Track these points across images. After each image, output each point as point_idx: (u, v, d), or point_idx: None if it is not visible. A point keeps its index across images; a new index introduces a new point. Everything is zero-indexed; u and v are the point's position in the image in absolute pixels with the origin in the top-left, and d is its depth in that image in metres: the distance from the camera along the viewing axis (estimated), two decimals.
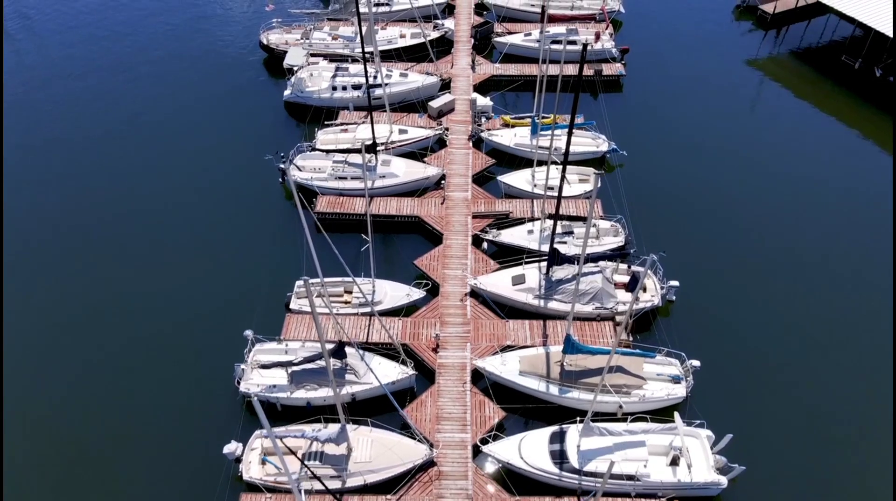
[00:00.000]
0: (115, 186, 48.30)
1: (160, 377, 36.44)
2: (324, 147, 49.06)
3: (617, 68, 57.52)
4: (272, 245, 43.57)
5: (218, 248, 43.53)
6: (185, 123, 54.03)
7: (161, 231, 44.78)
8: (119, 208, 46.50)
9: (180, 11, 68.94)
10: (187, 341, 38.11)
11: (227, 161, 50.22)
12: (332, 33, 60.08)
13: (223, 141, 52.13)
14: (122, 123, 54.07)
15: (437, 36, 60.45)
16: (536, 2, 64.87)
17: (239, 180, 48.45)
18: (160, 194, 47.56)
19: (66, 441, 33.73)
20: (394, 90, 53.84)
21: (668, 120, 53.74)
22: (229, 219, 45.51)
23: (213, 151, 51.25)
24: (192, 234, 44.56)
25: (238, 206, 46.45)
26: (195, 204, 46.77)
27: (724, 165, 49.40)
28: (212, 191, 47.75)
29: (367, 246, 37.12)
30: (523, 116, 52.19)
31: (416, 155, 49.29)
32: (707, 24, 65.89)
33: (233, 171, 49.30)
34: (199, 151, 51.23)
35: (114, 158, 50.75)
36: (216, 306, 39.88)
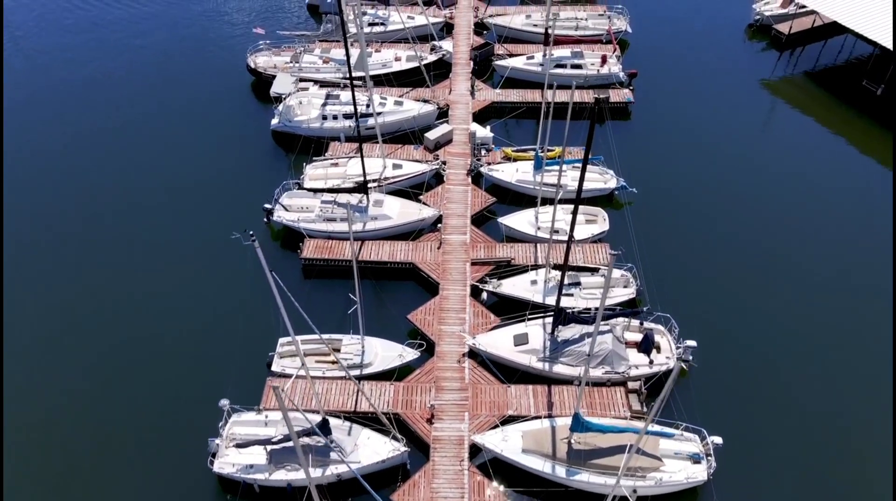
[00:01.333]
0: (86, 223, 45.05)
1: (125, 453, 33.17)
2: (312, 183, 45.84)
3: (625, 94, 54.26)
4: (254, 297, 40.29)
5: (193, 299, 40.27)
6: (166, 155, 50.76)
7: (131, 278, 41.51)
8: (89, 251, 43.25)
9: (164, 32, 65.66)
10: (156, 407, 34.85)
11: (209, 200, 46.93)
12: (323, 56, 56.85)
13: (205, 175, 48.84)
14: (98, 156, 50.81)
15: (435, 59, 57.15)
16: (539, 21, 61.62)
17: (220, 221, 45.19)
18: (135, 236, 44.30)
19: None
20: (388, 120, 50.59)
21: (680, 151, 50.49)
22: (207, 266, 42.24)
23: (195, 188, 47.97)
24: (166, 281, 41.31)
25: (217, 250, 43.18)
26: (172, 246, 43.53)
27: (741, 203, 46.14)
28: (190, 232, 44.49)
29: (356, 307, 33.82)
30: (526, 149, 48.92)
31: (411, 193, 46.01)
32: (719, 44, 62.64)
33: (214, 211, 46.03)
34: (179, 188, 47.94)
35: (85, 196, 47.48)
36: (189, 368, 36.59)
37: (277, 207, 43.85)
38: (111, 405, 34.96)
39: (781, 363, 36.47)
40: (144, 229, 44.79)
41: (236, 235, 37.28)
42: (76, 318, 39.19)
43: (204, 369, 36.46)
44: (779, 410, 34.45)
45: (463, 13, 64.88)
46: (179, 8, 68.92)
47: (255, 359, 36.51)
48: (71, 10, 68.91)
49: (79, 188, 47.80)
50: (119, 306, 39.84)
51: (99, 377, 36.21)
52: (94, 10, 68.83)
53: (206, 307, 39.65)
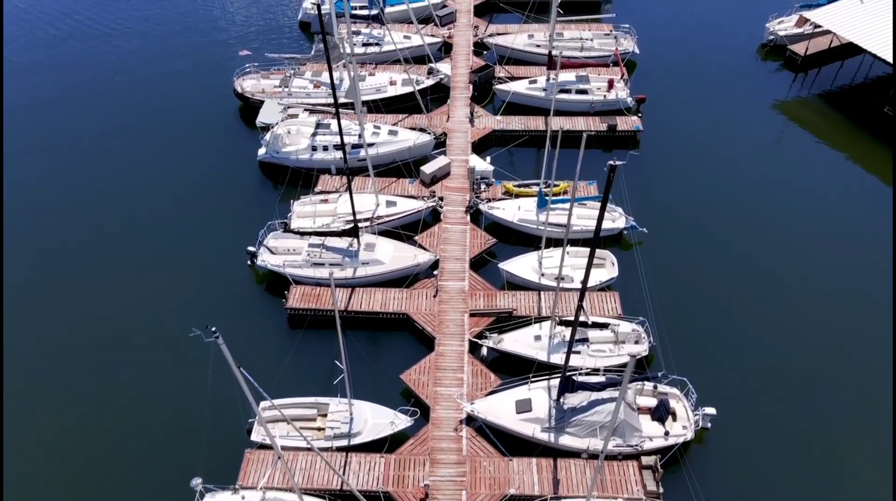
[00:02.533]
0: (56, 266, 42.06)
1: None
2: (300, 222, 42.82)
3: (633, 122, 51.19)
4: (236, 352, 37.21)
5: (166, 355, 37.25)
6: (145, 189, 47.70)
7: (101, 329, 38.49)
8: (63, 291, 40.26)
9: (147, 53, 62.58)
10: (122, 487, 31.83)
11: (189, 240, 43.89)
12: (314, 80, 53.78)
13: (187, 211, 45.80)
14: (72, 190, 47.77)
15: (432, 83, 54.06)
16: (542, 42, 58.55)
17: (201, 264, 42.17)
18: (107, 281, 41.28)
19: None
20: (381, 151, 47.56)
21: (692, 184, 47.42)
22: (184, 320, 39.19)
23: (175, 226, 44.94)
24: (139, 333, 38.29)
25: (198, 297, 40.17)
26: (149, 291, 40.51)
27: (762, 242, 43.07)
28: (169, 277, 41.47)
29: (342, 376, 30.78)
30: (529, 184, 45.86)
31: (403, 235, 42.97)
32: (730, 65, 59.54)
33: (196, 252, 43.00)
34: (158, 227, 44.90)
35: (58, 235, 44.49)
36: (159, 440, 33.54)
37: (262, 250, 40.81)
38: (71, 489, 31.93)
39: (815, 437, 33.43)
40: (117, 270, 41.75)
41: (196, 331, 33.98)
42: (43, 374, 36.19)
43: (175, 441, 33.40)
44: (812, 479, 31.45)
45: (462, 32, 61.85)
46: (163, 28, 65.82)
47: (232, 428, 33.47)
48: (44, 28, 65.83)
49: (54, 224, 44.82)
50: (83, 369, 36.81)
51: (59, 451, 33.19)
52: (70, 30, 65.77)
53: (180, 365, 36.62)
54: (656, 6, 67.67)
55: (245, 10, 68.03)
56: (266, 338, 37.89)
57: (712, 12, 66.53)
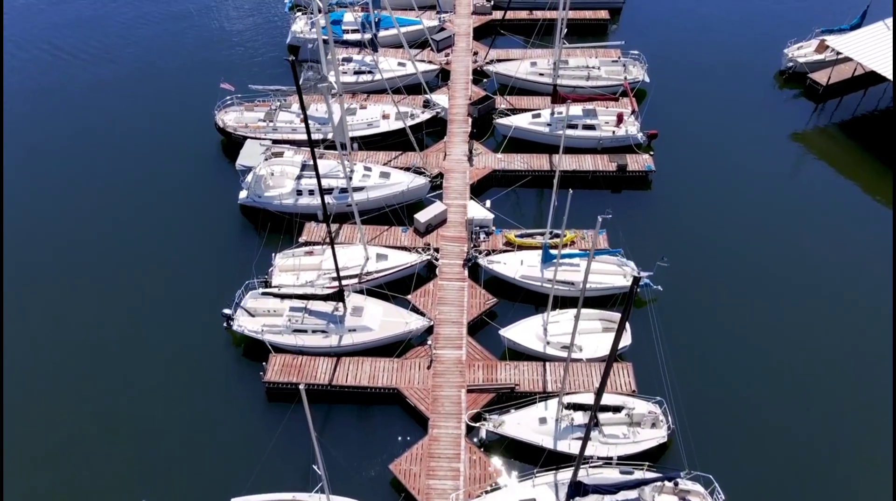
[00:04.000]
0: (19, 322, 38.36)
1: None
2: (282, 277, 39.14)
3: (644, 161, 47.43)
4: (207, 432, 33.56)
5: (127, 445, 33.54)
6: (113, 235, 43.97)
7: (64, 398, 34.78)
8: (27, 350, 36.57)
9: (126, 84, 58.85)
10: None
11: (159, 296, 40.17)
12: (301, 113, 49.90)
13: (160, 264, 42.07)
14: (42, 237, 44.07)
15: (429, 117, 50.28)
16: (546, 70, 54.77)
17: (172, 324, 38.44)
18: (68, 338, 37.57)
19: None
20: (371, 195, 43.83)
21: (709, 232, 43.67)
22: (152, 385, 35.49)
23: (145, 279, 41.23)
24: (102, 406, 34.60)
25: (166, 363, 36.45)
26: (111, 356, 36.81)
27: (788, 297, 39.34)
28: (134, 338, 37.75)
29: (321, 484, 27.04)
30: (532, 233, 42.11)
31: (390, 296, 39.24)
32: (746, 95, 55.74)
33: (165, 311, 39.28)
34: (126, 279, 41.17)
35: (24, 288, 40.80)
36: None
37: (239, 312, 37.08)
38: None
39: None
40: (79, 332, 38.04)
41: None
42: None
43: None
44: None
45: (460, 58, 58.11)
46: (142, 57, 62.05)
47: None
48: (17, 54, 62.07)
49: (21, 260, 41.12)
50: (40, 465, 33.11)
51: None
52: (46, 57, 62.04)
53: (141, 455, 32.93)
54: (666, 30, 63.96)
55: (232, 30, 64.23)
56: (241, 415, 34.18)
57: (726, 37, 62.77)
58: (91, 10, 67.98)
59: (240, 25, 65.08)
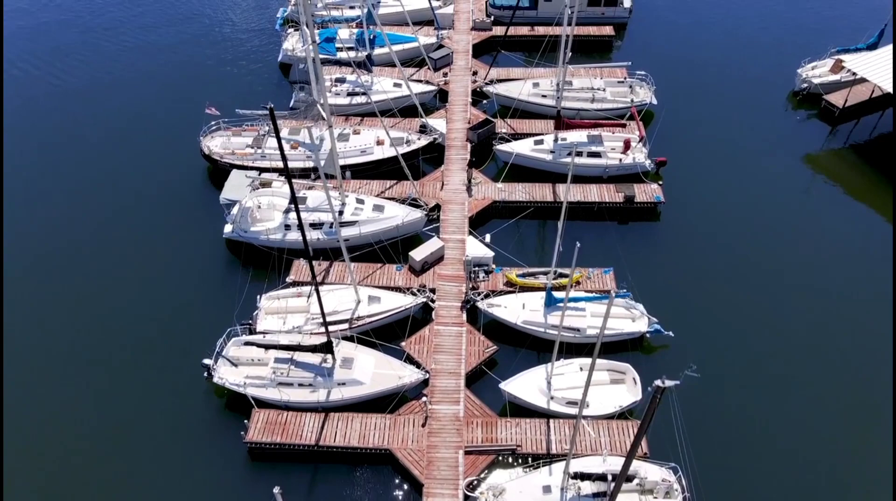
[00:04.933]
0: None
1: None
2: (267, 321, 36.68)
3: (653, 191, 44.91)
4: (182, 498, 31.08)
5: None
6: (93, 274, 41.48)
7: (31, 460, 32.29)
8: None
9: (109, 105, 56.36)
10: None
11: (137, 340, 37.68)
12: (291, 140, 47.48)
13: (136, 303, 39.55)
14: (14, 273, 41.58)
15: (426, 143, 47.73)
16: (548, 91, 52.21)
17: (150, 372, 35.95)
18: (37, 392, 35.07)
19: None
20: (364, 231, 41.30)
21: (722, 268, 41.14)
22: (125, 441, 32.99)
23: (120, 319, 38.73)
24: (73, 463, 32.09)
25: (140, 416, 33.94)
26: (85, 408, 34.32)
27: (812, 342, 36.83)
28: (107, 389, 35.26)
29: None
30: (535, 273, 39.57)
31: (376, 346, 36.78)
32: (759, 117, 53.17)
33: (142, 357, 36.78)
34: (102, 321, 38.68)
35: None
36: None
37: (220, 362, 34.57)
38: None
39: None
40: (51, 384, 35.54)
41: None
42: None
43: None
44: None
45: (459, 77, 55.57)
46: (125, 78, 59.53)
47: None
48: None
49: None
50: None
51: None
52: (22, 77, 59.56)
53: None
54: (673, 47, 61.40)
55: (221, 47, 61.69)
56: (222, 480, 31.65)
57: (736, 55, 60.16)
58: (70, 34, 65.41)
59: (229, 42, 62.47)
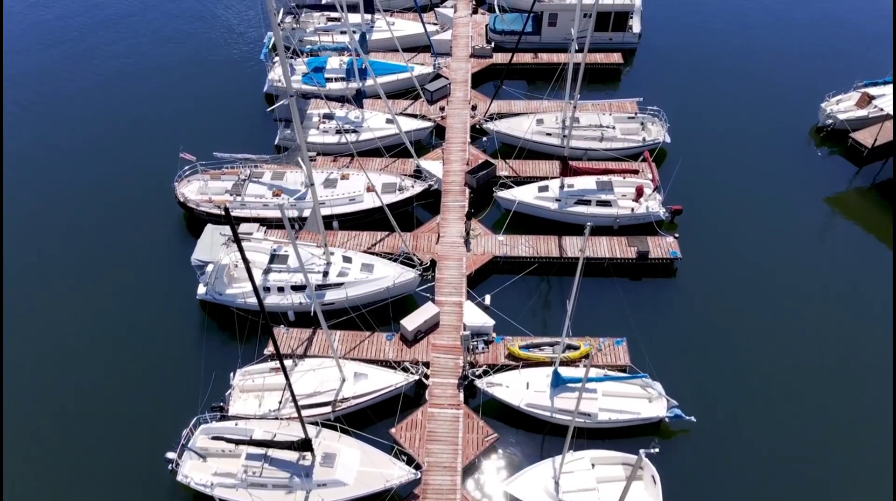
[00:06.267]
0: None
1: None
2: (242, 404, 32.83)
3: (668, 246, 41.01)
4: None
5: None
6: (49, 346, 37.64)
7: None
8: None
9: (77, 144, 52.51)
10: None
11: (93, 427, 33.82)
12: (273, 187, 43.67)
13: (99, 387, 35.70)
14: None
15: (421, 190, 43.82)
16: (553, 129, 48.32)
17: (103, 473, 32.06)
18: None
19: None
20: (351, 293, 37.44)
21: (746, 333, 37.26)
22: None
23: (76, 409, 34.88)
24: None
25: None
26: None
27: (851, 426, 32.99)
28: (63, 486, 31.39)
29: None
30: (540, 344, 35.68)
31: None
32: (779, 156, 49.21)
33: (97, 453, 32.91)
34: (55, 412, 34.83)
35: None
36: None
37: (187, 456, 30.68)
38: None
39: None
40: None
41: None
42: None
43: None
44: None
45: (457, 111, 51.70)
46: (94, 114, 55.63)
47: None
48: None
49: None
50: None
51: None
52: None
53: None
54: (686, 76, 57.45)
55: (202, 75, 57.84)
56: None
57: (754, 86, 56.12)
58: (35, 60, 61.60)
59: (211, 70, 58.56)
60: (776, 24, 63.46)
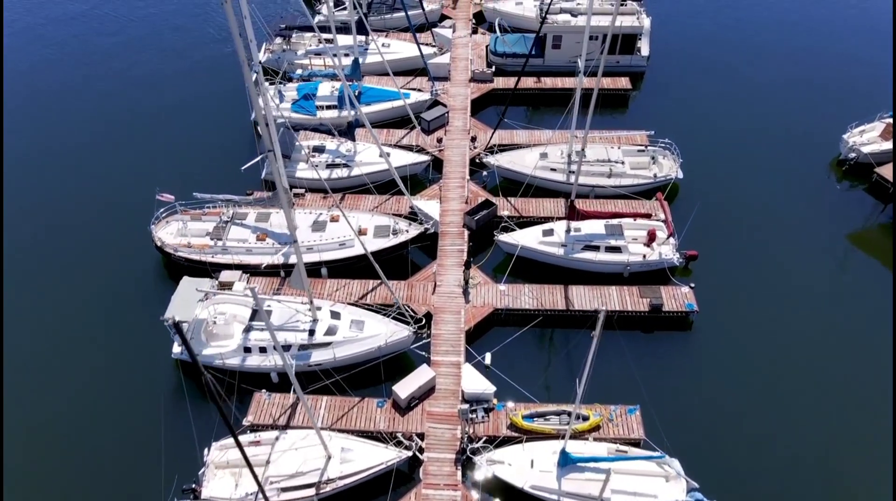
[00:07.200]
0: None
1: None
2: (215, 486, 29.71)
3: (684, 298, 37.91)
4: None
5: None
6: (9, 406, 34.57)
7: None
8: None
9: (49, 181, 49.46)
10: None
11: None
12: (258, 229, 40.57)
13: (64, 460, 32.61)
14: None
15: (416, 233, 40.69)
16: (559, 164, 45.21)
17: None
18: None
19: None
20: (340, 354, 34.36)
21: (777, 401, 34.17)
22: None
23: (32, 472, 31.82)
24: None
25: None
26: None
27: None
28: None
29: None
30: (546, 413, 32.54)
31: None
32: (797, 190, 46.14)
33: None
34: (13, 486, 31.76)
35: None
36: None
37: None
38: None
39: None
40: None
41: None
42: None
43: None
44: None
45: (456, 142, 48.63)
46: (67, 147, 52.33)
47: None
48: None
49: None
50: None
51: None
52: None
53: None
54: (697, 103, 54.35)
55: (185, 107, 54.79)
56: None
57: (771, 114, 52.84)
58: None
59: (195, 96, 55.50)
60: (793, 49, 60.33)
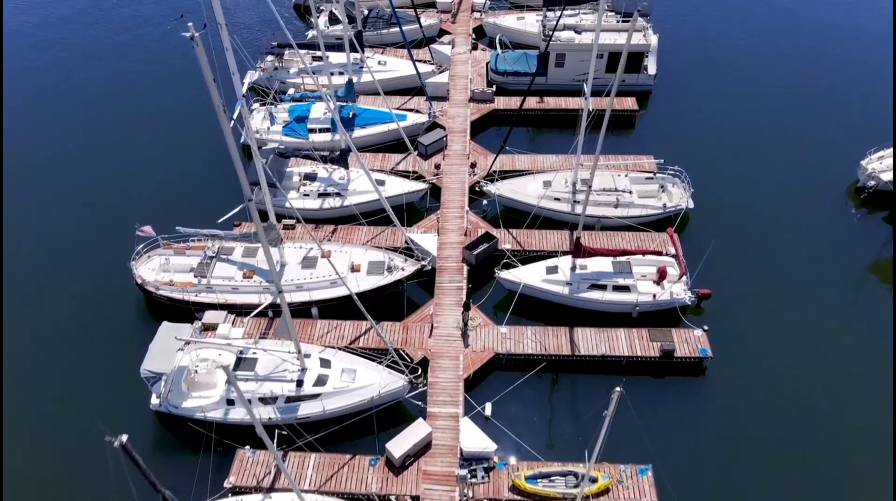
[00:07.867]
0: None
1: None
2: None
3: (696, 342, 35.64)
4: None
5: None
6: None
7: None
8: None
9: (22, 217, 47.16)
10: None
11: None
12: (244, 267, 38.32)
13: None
14: None
15: (413, 270, 38.42)
16: (562, 194, 42.97)
17: None
18: None
19: None
20: (330, 407, 32.08)
21: (797, 460, 31.93)
22: None
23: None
24: None
25: None
26: None
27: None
28: None
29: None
30: (550, 474, 30.24)
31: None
32: (813, 219, 43.96)
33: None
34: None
35: None
36: None
37: None
38: None
39: None
40: None
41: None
42: None
43: None
44: None
45: (455, 168, 46.38)
46: (53, 184, 50.06)
47: None
48: None
49: None
50: None
51: None
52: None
53: None
54: (707, 124, 52.12)
55: (168, 132, 52.52)
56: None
57: (783, 141, 50.53)
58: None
59: (181, 116, 53.23)
60: (807, 66, 58.12)
